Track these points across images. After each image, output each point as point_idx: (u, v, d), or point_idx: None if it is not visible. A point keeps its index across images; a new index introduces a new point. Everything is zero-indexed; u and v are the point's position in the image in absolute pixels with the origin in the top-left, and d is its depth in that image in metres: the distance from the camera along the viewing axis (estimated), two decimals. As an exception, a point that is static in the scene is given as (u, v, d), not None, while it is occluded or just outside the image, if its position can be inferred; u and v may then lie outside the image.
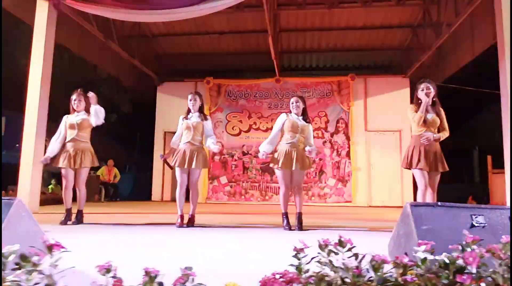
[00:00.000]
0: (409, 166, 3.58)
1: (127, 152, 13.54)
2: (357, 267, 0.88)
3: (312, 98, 10.30)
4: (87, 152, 4.24)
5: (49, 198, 8.34)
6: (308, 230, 3.81)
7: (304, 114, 4.09)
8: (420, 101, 3.62)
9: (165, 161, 4.11)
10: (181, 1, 5.74)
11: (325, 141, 10.08)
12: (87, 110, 4.29)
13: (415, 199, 9.47)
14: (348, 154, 9.99)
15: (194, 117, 4.26)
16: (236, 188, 10.22)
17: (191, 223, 4.15)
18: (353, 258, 0.94)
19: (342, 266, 0.88)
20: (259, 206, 9.29)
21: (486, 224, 1.65)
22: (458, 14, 6.67)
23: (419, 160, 3.50)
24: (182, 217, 4.16)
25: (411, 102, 3.87)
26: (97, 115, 4.20)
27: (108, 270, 0.85)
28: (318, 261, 0.98)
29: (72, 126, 4.23)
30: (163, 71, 10.89)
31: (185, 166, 4.09)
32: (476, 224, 1.64)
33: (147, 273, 0.83)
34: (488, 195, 9.13)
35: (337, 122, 10.12)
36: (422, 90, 3.60)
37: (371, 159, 9.93)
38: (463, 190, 11.76)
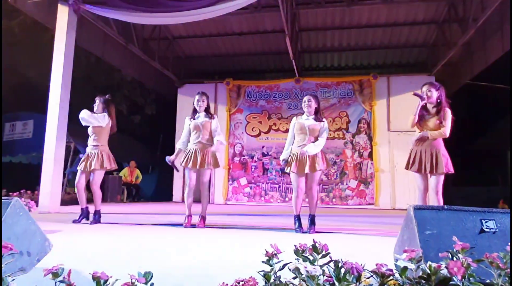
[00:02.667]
0: (408, 168, 3.53)
1: (151, 153, 13.76)
2: (331, 276, 0.80)
3: (333, 98, 10.12)
4: (103, 155, 4.33)
5: (74, 198, 8.58)
6: (321, 232, 3.70)
7: (316, 113, 3.96)
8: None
9: (172, 165, 4.11)
10: (197, 2, 5.76)
11: (346, 142, 9.86)
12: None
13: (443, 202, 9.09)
14: (370, 155, 9.73)
15: (201, 116, 4.24)
16: (256, 190, 10.17)
17: (202, 223, 4.13)
18: (331, 264, 0.86)
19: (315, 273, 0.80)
20: (279, 207, 9.20)
21: (497, 230, 1.51)
22: (485, 8, 6.34)
23: (413, 163, 3.46)
24: (190, 217, 4.15)
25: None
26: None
27: (55, 275, 0.81)
28: (295, 268, 0.91)
29: (90, 131, 4.39)
30: (183, 73, 11.01)
31: (196, 167, 4.08)
32: (486, 230, 1.51)
33: (94, 278, 0.79)
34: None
35: (359, 122, 9.89)
36: (423, 92, 3.54)
37: (394, 160, 9.62)
38: (496, 193, 11.17)
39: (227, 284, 0.77)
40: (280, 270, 0.89)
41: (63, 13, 5.72)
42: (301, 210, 3.88)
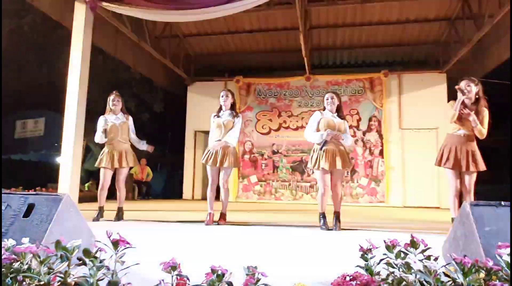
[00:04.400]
0: (441, 164, 3.53)
1: (159, 151, 13.80)
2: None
3: (344, 95, 10.07)
4: (129, 153, 4.40)
5: (86, 196, 8.65)
6: (346, 230, 3.70)
7: (339, 111, 3.96)
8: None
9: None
10: (213, 0, 5.75)
11: (357, 140, 9.84)
12: (123, 111, 4.50)
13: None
14: (381, 153, 9.72)
15: (226, 115, 4.24)
16: (266, 187, 10.18)
17: (223, 220, 4.15)
18: (431, 260, 0.86)
19: (421, 269, 0.80)
20: (289, 205, 9.22)
21: (558, 226, 1.50)
22: (503, 4, 6.30)
23: (448, 159, 3.45)
24: (212, 215, 4.17)
25: (448, 98, 3.79)
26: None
27: (173, 268, 0.82)
28: (386, 263, 0.91)
29: (115, 128, 4.38)
30: (193, 70, 11.01)
31: (216, 165, 4.10)
32: (546, 226, 1.50)
33: (213, 271, 0.79)
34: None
35: (370, 120, 9.87)
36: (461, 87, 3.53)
37: (405, 158, 9.62)
38: (506, 192, 11.12)
39: (346, 275, 0.76)
40: (377, 264, 0.89)
41: (80, 11, 5.72)
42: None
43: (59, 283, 0.79)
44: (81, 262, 0.87)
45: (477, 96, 3.49)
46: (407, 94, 9.75)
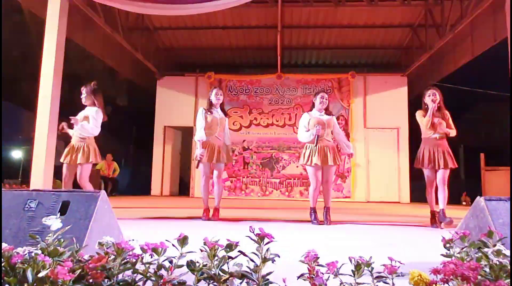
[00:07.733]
0: (421, 166, 3.89)
1: (123, 146, 13.37)
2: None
3: (312, 94, 10.39)
4: (90, 148, 4.15)
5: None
6: (337, 224, 3.91)
7: (327, 109, 4.17)
8: (426, 107, 3.93)
9: (200, 160, 4.14)
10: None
11: (325, 138, 10.21)
12: (93, 105, 4.30)
13: (411, 194, 9.78)
14: (347, 151, 10.16)
15: (219, 112, 4.29)
16: (236, 183, 10.28)
17: (216, 216, 4.20)
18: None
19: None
20: (259, 201, 9.39)
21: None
22: (464, 16, 6.86)
23: (429, 161, 3.83)
24: (208, 210, 4.21)
25: (409, 100, 4.19)
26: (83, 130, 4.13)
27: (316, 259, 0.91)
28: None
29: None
30: (163, 65, 10.79)
31: (212, 161, 4.15)
32: (547, 218, 1.75)
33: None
34: (481, 192, 9.47)
35: (337, 119, 10.26)
36: (429, 96, 3.91)
37: (369, 156, 10.15)
38: (451, 187, 12.13)
39: (445, 262, 0.88)
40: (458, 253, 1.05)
41: (55, 0, 5.42)
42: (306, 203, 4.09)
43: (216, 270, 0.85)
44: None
45: (439, 104, 3.89)
46: (371, 95, 10.28)
